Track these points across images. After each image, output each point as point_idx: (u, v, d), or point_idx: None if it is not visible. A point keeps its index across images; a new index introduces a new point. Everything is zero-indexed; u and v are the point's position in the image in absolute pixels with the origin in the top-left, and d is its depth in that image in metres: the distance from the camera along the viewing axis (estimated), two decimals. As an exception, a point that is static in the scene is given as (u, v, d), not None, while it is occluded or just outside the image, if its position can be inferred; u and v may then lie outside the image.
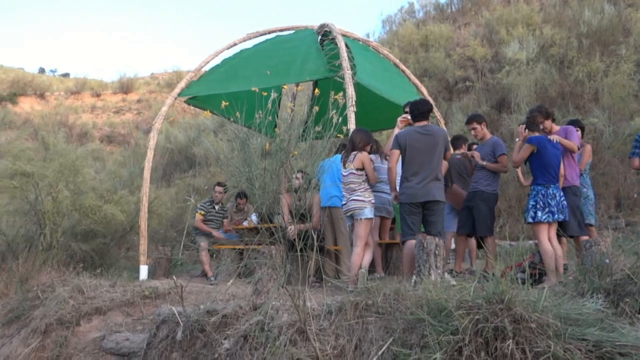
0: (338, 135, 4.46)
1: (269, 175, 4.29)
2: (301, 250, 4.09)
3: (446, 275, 4.85)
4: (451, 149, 5.78)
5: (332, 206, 6.41)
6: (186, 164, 17.07)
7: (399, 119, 5.92)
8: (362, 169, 5.50)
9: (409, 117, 5.56)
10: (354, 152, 5.56)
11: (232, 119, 4.41)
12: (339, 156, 5.98)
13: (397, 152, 5.33)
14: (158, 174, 16.51)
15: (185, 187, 14.35)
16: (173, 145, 18.08)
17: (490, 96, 13.14)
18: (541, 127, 5.84)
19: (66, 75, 36.42)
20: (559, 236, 5.22)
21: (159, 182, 16.00)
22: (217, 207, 7.69)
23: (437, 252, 4.41)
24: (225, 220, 7.73)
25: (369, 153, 5.77)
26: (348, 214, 5.53)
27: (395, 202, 5.57)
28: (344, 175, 5.64)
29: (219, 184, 7.91)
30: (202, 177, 15.02)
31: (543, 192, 5.20)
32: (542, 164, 5.27)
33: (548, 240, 5.04)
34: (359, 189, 5.48)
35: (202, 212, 7.53)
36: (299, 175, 4.61)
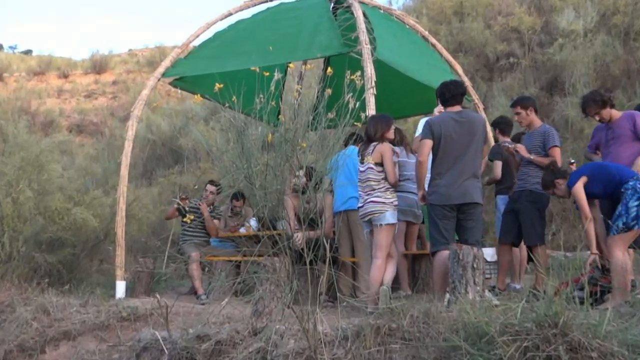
0: (355, 123, 4.48)
1: (272, 172, 4.34)
2: (311, 262, 4.13)
3: (487, 293, 4.85)
4: (491, 139, 5.78)
5: (348, 209, 6.47)
6: (171, 158, 17.15)
7: (437, 110, 5.94)
8: (381, 163, 5.53)
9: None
10: (374, 144, 5.59)
11: (227, 105, 4.45)
12: (355, 149, 6.02)
13: (429, 142, 5.32)
14: (138, 171, 16.62)
15: (170, 186, 14.41)
16: (155, 136, 18.19)
17: (540, 75, 13.10)
18: (597, 118, 5.84)
19: (28, 52, 36.75)
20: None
21: (138, 181, 16.10)
22: (208, 209, 7.81)
23: (475, 265, 4.41)
24: (216, 221, 7.83)
25: (392, 144, 5.78)
26: (366, 219, 5.55)
27: (422, 203, 5.59)
28: (361, 172, 5.66)
29: (211, 182, 7.99)
30: (190, 175, 15.10)
31: None
32: (608, 181, 5.20)
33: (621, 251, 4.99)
34: (379, 188, 5.49)
35: (183, 197, 7.68)
36: (301, 173, 4.67)
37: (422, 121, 6.04)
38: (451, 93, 5.40)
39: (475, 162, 5.29)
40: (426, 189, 5.48)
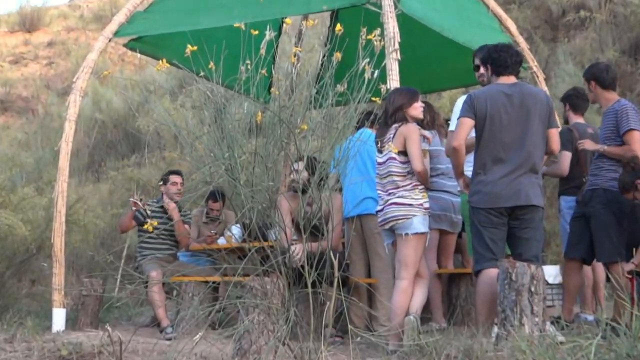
0: (372, 99, 4.50)
1: (262, 164, 4.40)
2: (313, 284, 4.17)
3: (548, 326, 4.82)
4: (558, 122, 5.78)
5: (363, 214, 6.49)
6: (127, 145, 17.20)
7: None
8: (405, 152, 5.54)
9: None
10: (396, 125, 5.59)
11: (201, 74, 4.45)
12: (372, 134, 6.04)
13: (469, 121, 5.34)
14: (82, 162, 16.65)
15: (124, 182, 14.41)
16: (106, 115, 18.21)
17: (620, 34, 13.08)
18: None
19: None
20: None
21: (83, 175, 16.15)
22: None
23: (533, 289, 4.43)
24: (186, 225, 7.88)
25: (421, 127, 5.79)
26: (387, 227, 5.57)
27: (465, 191, 5.64)
28: (379, 164, 5.67)
29: (173, 172, 8.07)
30: (152, 167, 15.13)
31: None
32: None
33: None
34: (404, 186, 5.52)
35: (136, 201, 7.77)
36: (301, 166, 4.72)
37: (460, 101, 6.03)
38: (502, 61, 5.41)
39: (534, 152, 5.28)
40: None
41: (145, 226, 7.14)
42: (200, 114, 5.07)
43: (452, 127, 6.00)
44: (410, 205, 5.44)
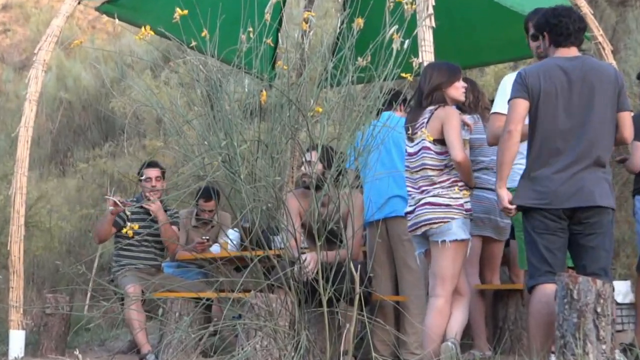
0: (403, 75, 4.53)
1: (267, 155, 4.43)
2: (329, 302, 4.21)
3: (618, 354, 4.82)
4: (630, 105, 5.70)
5: (389, 217, 6.51)
6: (98, 130, 17.23)
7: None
8: (443, 140, 5.54)
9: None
10: (430, 109, 5.59)
11: (191, 44, 4.47)
12: (401, 119, 6.02)
13: (523, 102, 5.21)
14: (44, 151, 16.72)
15: (96, 175, 14.46)
16: (73, 94, 18.29)
17: None
18: None
19: None
20: None
21: (45, 167, 16.20)
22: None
23: (600, 309, 4.39)
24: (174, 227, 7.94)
25: (461, 111, 5.80)
26: (418, 232, 5.59)
27: (508, 212, 5.43)
28: (410, 155, 5.70)
29: (149, 165, 8.00)
30: (130, 158, 15.01)
31: None
32: None
33: None
34: (442, 182, 5.54)
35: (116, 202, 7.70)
36: (314, 157, 4.81)
37: (508, 78, 5.97)
38: (562, 27, 5.32)
39: (598, 140, 5.16)
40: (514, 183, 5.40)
41: (124, 230, 7.14)
42: (190, 92, 5.09)
43: (494, 110, 5.88)
44: (447, 205, 5.44)
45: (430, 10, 6.24)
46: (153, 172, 7.84)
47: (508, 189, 5.70)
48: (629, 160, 6.96)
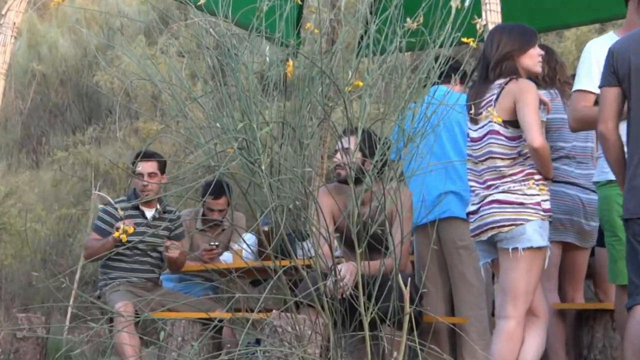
0: (464, 40, 4.58)
1: (294, 140, 4.49)
2: (372, 324, 4.23)
3: None
4: None
5: (443, 218, 6.56)
6: (80, 110, 17.32)
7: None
8: (515, 121, 5.53)
9: None
10: (499, 82, 5.60)
11: (198, 2, 4.55)
12: (462, 95, 6.04)
13: (612, 92, 5.16)
14: (13, 136, 16.85)
15: (78, 166, 14.62)
16: (48, 66, 18.34)
17: None
18: None
19: None
20: None
21: (14, 156, 16.30)
22: (148, 214, 7.93)
23: None
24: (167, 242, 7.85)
25: (536, 84, 5.76)
26: (484, 237, 5.61)
27: None
28: (473, 141, 5.75)
29: (144, 156, 7.93)
30: (120, 145, 15.13)
31: None
32: None
33: None
34: (514, 174, 5.54)
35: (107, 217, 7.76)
36: (351, 144, 4.85)
37: (594, 45, 5.96)
38: None
39: None
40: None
41: (116, 234, 7.14)
42: (196, 63, 5.11)
43: (577, 86, 5.87)
44: (521, 204, 5.43)
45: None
46: (148, 166, 7.83)
47: (595, 183, 5.87)
48: None
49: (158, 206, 7.94)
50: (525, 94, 5.46)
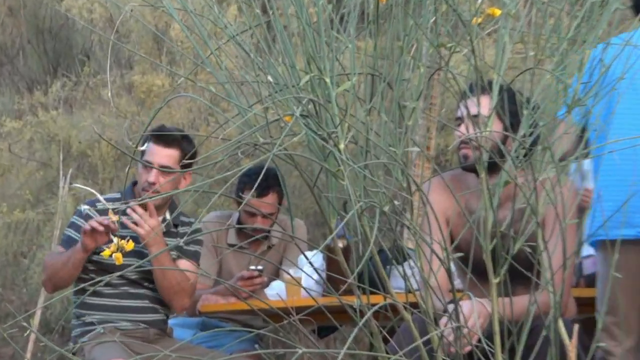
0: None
1: (392, 104, 3.89)
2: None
3: None
4: None
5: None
6: (38, 54, 16.34)
7: None
8: None
9: None
10: None
11: None
12: None
13: None
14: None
15: (39, 143, 13.55)
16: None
17: None
18: None
19: None
20: None
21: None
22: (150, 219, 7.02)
23: None
24: (184, 262, 7.07)
25: None
26: None
27: None
28: None
29: (157, 138, 7.07)
30: (106, 111, 14.09)
31: None
32: None
33: None
34: None
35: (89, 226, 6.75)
36: (482, 104, 4.05)
37: None
38: None
39: None
40: None
41: (105, 253, 6.07)
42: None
43: None
44: None
45: None
46: (162, 154, 6.89)
47: None
48: None
49: (167, 214, 7.08)
50: None
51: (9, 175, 12.85)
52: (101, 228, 6.44)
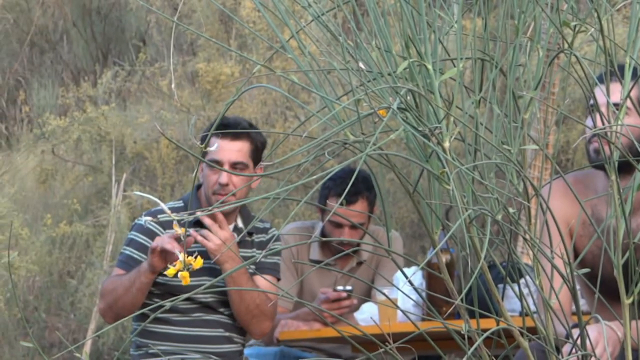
0: None
1: (505, 95, 3.89)
2: None
3: None
4: None
5: None
6: (85, 40, 15.89)
7: None
8: None
9: None
10: None
11: None
12: None
13: None
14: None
15: (87, 143, 13.15)
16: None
17: None
18: None
19: None
20: None
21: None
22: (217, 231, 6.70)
23: None
24: (267, 277, 6.77)
25: None
26: None
27: None
28: None
29: (226, 134, 6.75)
30: (165, 105, 13.69)
31: None
32: None
33: None
34: None
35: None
36: (615, 91, 3.93)
37: None
38: None
39: None
40: None
41: (168, 272, 5.88)
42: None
43: None
44: None
45: None
46: (231, 149, 6.64)
47: None
48: None
49: (239, 220, 6.75)
50: None
51: (53, 182, 12.50)
52: (176, 249, 6.21)
